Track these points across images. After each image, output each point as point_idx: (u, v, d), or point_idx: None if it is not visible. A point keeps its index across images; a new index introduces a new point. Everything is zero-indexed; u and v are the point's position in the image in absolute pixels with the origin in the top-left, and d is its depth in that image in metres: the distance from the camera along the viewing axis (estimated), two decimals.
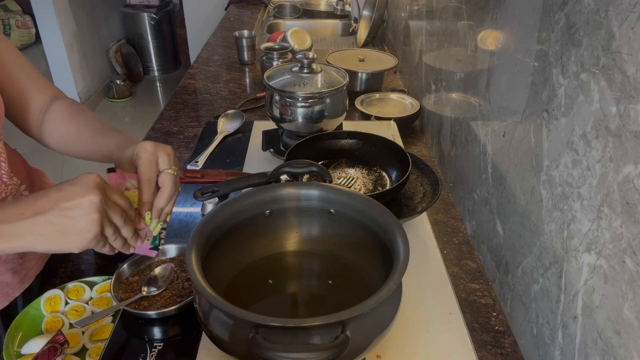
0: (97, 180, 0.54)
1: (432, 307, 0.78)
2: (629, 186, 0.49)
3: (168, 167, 0.64)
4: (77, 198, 0.52)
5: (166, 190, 0.64)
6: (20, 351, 0.71)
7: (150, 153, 0.63)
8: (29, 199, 0.53)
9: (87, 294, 0.80)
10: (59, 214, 0.52)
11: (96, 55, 4.03)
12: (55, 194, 0.53)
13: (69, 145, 0.78)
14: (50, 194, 0.53)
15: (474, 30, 0.95)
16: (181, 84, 1.67)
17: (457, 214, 1.03)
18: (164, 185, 0.64)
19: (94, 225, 0.53)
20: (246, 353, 0.53)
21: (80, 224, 0.53)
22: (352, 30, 2.39)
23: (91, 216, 0.53)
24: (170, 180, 0.64)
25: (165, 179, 0.64)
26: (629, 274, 0.49)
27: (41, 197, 0.53)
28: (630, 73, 0.48)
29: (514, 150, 0.76)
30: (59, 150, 0.80)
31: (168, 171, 0.64)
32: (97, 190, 0.53)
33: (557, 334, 0.64)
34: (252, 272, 0.74)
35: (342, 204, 0.73)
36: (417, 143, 1.31)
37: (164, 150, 0.64)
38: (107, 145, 0.71)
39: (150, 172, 0.63)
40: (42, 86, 0.80)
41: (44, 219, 0.52)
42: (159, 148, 0.64)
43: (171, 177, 0.64)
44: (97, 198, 0.53)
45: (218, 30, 2.35)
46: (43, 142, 0.81)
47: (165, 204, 0.65)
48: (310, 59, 1.09)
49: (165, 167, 0.64)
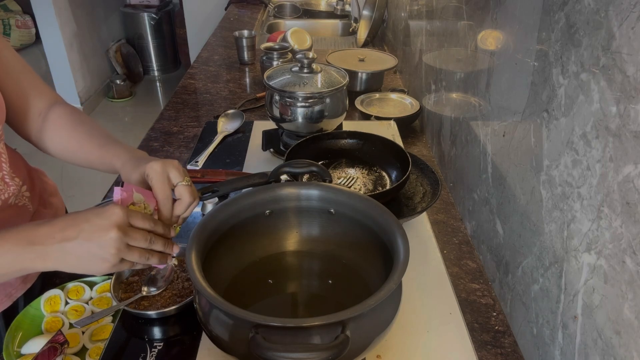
0: (119, 214, 0.58)
1: (432, 307, 0.78)
2: (629, 186, 0.49)
3: (181, 179, 0.67)
4: (97, 232, 0.57)
5: (185, 201, 0.67)
6: (20, 351, 0.71)
7: (160, 172, 0.65)
8: (61, 225, 0.58)
9: (87, 294, 0.80)
10: (81, 244, 0.57)
11: (96, 55, 4.03)
12: (81, 224, 0.57)
13: (69, 153, 0.79)
14: (78, 223, 0.57)
15: (474, 30, 0.95)
16: (181, 84, 1.67)
17: (457, 214, 1.03)
18: (182, 197, 0.67)
19: (112, 257, 0.58)
20: (246, 353, 0.53)
21: (98, 255, 0.57)
22: (352, 30, 2.39)
23: (109, 251, 0.57)
24: (187, 191, 0.67)
25: (182, 192, 0.67)
26: (629, 274, 0.49)
27: (70, 225, 0.57)
28: (630, 73, 0.48)
29: (514, 150, 0.76)
30: (58, 157, 0.80)
31: (182, 184, 0.67)
32: (117, 227, 0.57)
33: (557, 334, 0.64)
34: (252, 272, 0.74)
35: (342, 204, 0.73)
36: (417, 143, 1.31)
37: (172, 166, 0.67)
38: (112, 160, 0.72)
39: (166, 191, 0.66)
40: (42, 90, 0.80)
41: (70, 246, 0.57)
42: (167, 165, 0.66)
43: (187, 188, 0.67)
44: (115, 235, 0.57)
45: (218, 30, 2.35)
46: (42, 148, 0.81)
47: (184, 211, 0.68)
48: (310, 59, 1.09)
49: (179, 181, 0.66)
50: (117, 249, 0.57)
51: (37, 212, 0.84)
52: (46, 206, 0.88)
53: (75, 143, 0.77)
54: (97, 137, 0.76)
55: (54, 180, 0.97)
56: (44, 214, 0.86)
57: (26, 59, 2.49)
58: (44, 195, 0.89)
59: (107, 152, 0.74)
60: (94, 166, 0.76)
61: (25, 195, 0.79)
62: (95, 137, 0.77)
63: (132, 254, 0.59)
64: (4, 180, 0.74)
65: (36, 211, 0.83)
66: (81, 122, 0.79)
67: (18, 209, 0.77)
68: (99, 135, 0.77)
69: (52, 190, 0.93)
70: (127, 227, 0.59)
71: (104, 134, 0.77)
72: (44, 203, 0.88)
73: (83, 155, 0.77)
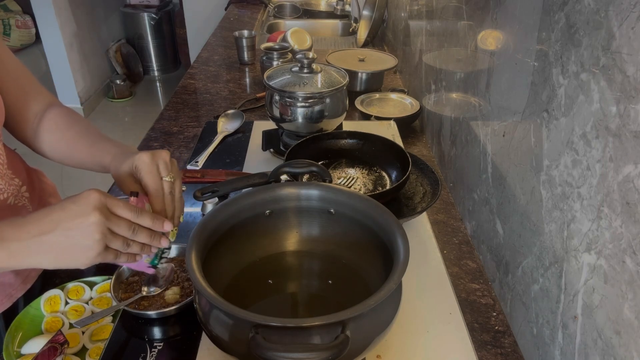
0: (98, 198, 0.55)
1: (432, 307, 0.78)
2: (629, 186, 0.49)
3: (166, 174, 0.66)
4: (78, 218, 0.54)
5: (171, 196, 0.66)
6: (20, 351, 0.71)
7: (149, 164, 0.64)
8: (36, 217, 0.55)
9: (87, 294, 0.80)
10: (62, 235, 0.54)
11: (96, 55, 4.03)
12: (57, 214, 0.54)
13: (63, 154, 0.78)
14: (54, 213, 0.54)
15: (474, 30, 0.95)
16: (181, 84, 1.67)
17: (457, 214, 1.03)
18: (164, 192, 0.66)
19: (96, 244, 0.55)
20: (246, 353, 0.53)
21: (82, 243, 0.54)
22: (352, 30, 2.39)
23: (92, 236, 0.54)
24: (168, 187, 0.66)
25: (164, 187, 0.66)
26: (629, 274, 0.49)
27: (45, 216, 0.54)
28: (630, 73, 0.48)
29: (514, 150, 0.76)
30: (53, 159, 0.80)
31: (166, 179, 0.66)
32: (98, 210, 0.54)
33: (557, 334, 0.64)
34: (252, 272, 0.74)
35: (342, 204, 0.73)
36: (417, 143, 1.31)
37: (160, 158, 0.66)
38: (102, 157, 0.71)
39: (155, 182, 0.65)
40: (38, 92, 0.80)
41: (48, 239, 0.54)
42: (156, 156, 0.65)
43: (168, 184, 0.66)
44: (96, 218, 0.54)
45: (218, 30, 2.35)
46: (37, 150, 0.81)
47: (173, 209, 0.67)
48: (310, 59, 1.09)
49: (163, 175, 0.66)
50: (102, 233, 0.54)
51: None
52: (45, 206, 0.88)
53: (67, 144, 0.77)
54: (88, 136, 0.76)
55: (54, 181, 0.97)
56: None
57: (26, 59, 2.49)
58: (44, 196, 0.89)
59: (97, 150, 0.73)
60: (87, 166, 0.75)
61: (24, 196, 0.79)
62: (86, 136, 0.76)
63: (116, 241, 0.56)
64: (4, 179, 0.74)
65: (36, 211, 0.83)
66: (74, 123, 0.78)
67: (17, 209, 0.77)
68: (89, 135, 0.76)
69: (51, 191, 0.93)
70: (108, 212, 0.56)
71: (95, 133, 0.77)
72: (44, 203, 0.88)
73: (75, 156, 0.76)
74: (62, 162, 0.79)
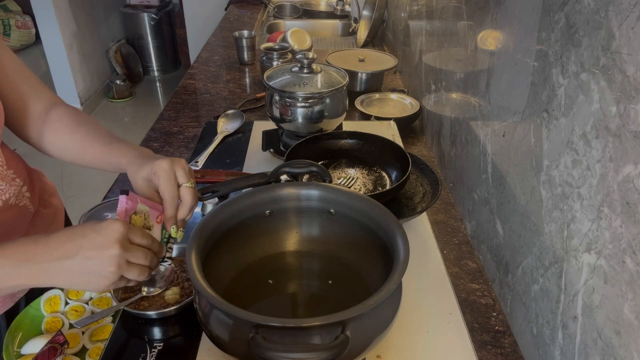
0: (120, 230, 0.57)
1: (432, 307, 0.78)
2: (629, 186, 0.49)
3: (186, 181, 0.67)
4: (99, 249, 0.56)
5: (187, 203, 0.67)
6: (20, 351, 0.71)
7: (168, 171, 0.65)
8: (59, 240, 0.56)
9: (87, 294, 0.80)
10: (81, 262, 0.56)
11: (96, 55, 4.03)
12: (79, 241, 0.56)
13: (73, 154, 0.78)
14: (76, 239, 0.56)
15: (474, 30, 0.95)
16: (181, 84, 1.67)
17: (457, 214, 1.03)
18: (184, 199, 0.67)
19: (113, 275, 0.57)
20: (246, 353, 0.53)
21: (99, 272, 0.57)
22: (352, 30, 2.39)
23: (110, 268, 0.56)
24: (190, 194, 0.67)
25: (185, 194, 0.67)
26: (629, 274, 0.49)
27: (69, 240, 0.56)
28: (630, 73, 0.48)
29: (514, 150, 0.76)
30: (61, 159, 0.80)
31: (187, 185, 0.67)
32: (119, 243, 0.56)
33: (557, 334, 0.64)
34: (252, 272, 0.74)
35: (342, 204, 0.73)
36: (417, 143, 1.31)
37: (179, 165, 0.67)
38: (118, 158, 0.72)
39: (172, 190, 0.66)
40: (41, 92, 0.80)
41: (68, 263, 0.56)
42: (175, 164, 0.66)
43: (191, 190, 0.67)
44: (117, 252, 0.56)
45: (218, 30, 2.35)
46: (43, 150, 0.81)
47: (186, 215, 0.68)
48: (310, 59, 1.09)
49: (183, 182, 0.67)
50: (118, 266, 0.56)
51: (37, 212, 0.84)
52: (46, 206, 0.88)
53: (78, 144, 0.77)
54: (101, 136, 0.76)
55: (54, 181, 0.97)
56: (44, 214, 0.86)
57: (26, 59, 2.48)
58: (44, 196, 0.89)
59: (112, 151, 0.73)
60: (99, 166, 0.76)
61: (25, 196, 0.79)
62: (99, 136, 0.77)
63: (132, 271, 0.59)
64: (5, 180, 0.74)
65: (36, 212, 0.83)
66: (83, 123, 0.79)
67: (19, 209, 0.77)
68: (102, 135, 0.77)
69: (51, 191, 0.93)
70: (128, 243, 0.58)
71: (107, 134, 0.77)
72: (44, 203, 0.88)
73: (87, 156, 0.77)
74: (71, 161, 0.80)
